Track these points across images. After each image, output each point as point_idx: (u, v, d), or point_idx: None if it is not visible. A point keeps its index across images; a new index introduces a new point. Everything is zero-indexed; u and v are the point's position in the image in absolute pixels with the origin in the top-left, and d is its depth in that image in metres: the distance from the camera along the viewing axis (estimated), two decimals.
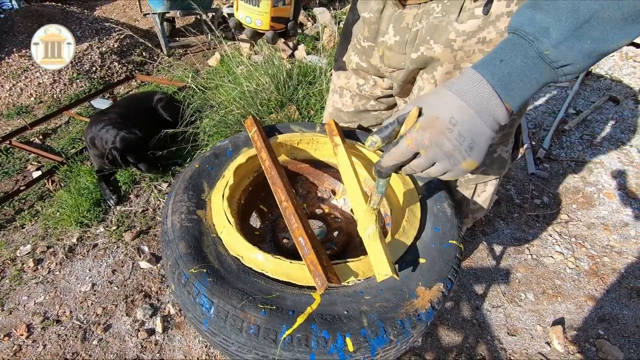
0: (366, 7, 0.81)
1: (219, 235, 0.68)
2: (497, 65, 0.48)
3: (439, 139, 0.49)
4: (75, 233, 1.72)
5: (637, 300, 1.56)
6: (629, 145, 2.46)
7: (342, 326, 0.55)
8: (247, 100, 2.12)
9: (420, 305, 0.59)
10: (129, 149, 1.77)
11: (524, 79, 0.47)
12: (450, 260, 0.67)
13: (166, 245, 0.66)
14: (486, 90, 0.48)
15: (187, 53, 3.56)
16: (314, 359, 0.54)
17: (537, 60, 0.47)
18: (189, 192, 0.75)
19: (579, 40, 0.44)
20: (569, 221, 1.90)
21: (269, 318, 0.55)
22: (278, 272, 0.61)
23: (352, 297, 0.60)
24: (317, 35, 3.79)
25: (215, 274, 0.60)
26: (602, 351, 1.37)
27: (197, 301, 0.58)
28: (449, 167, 0.52)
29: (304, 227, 0.65)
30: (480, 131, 0.49)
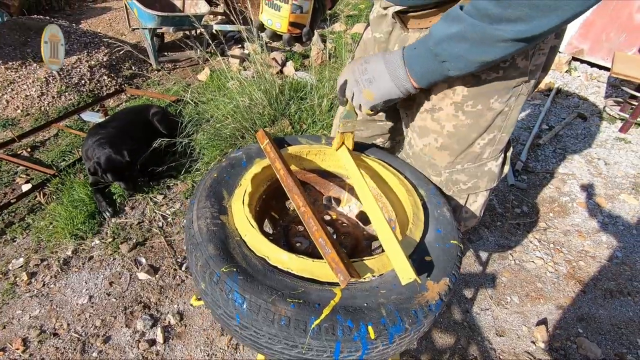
0: (378, 29, 0.90)
1: (243, 238, 0.73)
2: (412, 49, 0.71)
3: (353, 68, 0.79)
4: (69, 245, 1.71)
5: (611, 300, 1.68)
6: (596, 158, 2.66)
7: (364, 316, 0.61)
8: (242, 114, 2.18)
9: (430, 297, 0.66)
10: (110, 168, 1.80)
11: (423, 61, 0.69)
12: (453, 258, 0.75)
13: (194, 248, 0.71)
14: (399, 57, 0.72)
15: (176, 67, 3.60)
16: (339, 346, 0.60)
17: (429, 52, 0.66)
18: (211, 199, 0.80)
19: (450, 46, 0.63)
20: (547, 228, 2.04)
21: (298, 310, 0.61)
22: (303, 270, 0.67)
23: (370, 292, 0.66)
24: (305, 53, 3.92)
25: (244, 272, 0.65)
26: (582, 348, 1.47)
27: (229, 297, 0.63)
28: (355, 90, 0.78)
29: (323, 229, 0.71)
30: (381, 75, 0.74)
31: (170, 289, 1.58)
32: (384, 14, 0.89)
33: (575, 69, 3.85)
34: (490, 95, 0.77)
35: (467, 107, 0.79)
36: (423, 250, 0.76)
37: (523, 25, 0.55)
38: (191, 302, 1.50)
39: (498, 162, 0.91)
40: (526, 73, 0.75)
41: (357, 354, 0.63)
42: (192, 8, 3.64)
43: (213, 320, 1.47)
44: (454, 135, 0.84)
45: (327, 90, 2.46)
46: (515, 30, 0.56)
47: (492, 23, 0.57)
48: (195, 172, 2.11)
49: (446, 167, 0.91)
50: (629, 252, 1.93)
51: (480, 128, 0.82)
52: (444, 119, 0.83)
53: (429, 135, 0.88)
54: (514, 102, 0.79)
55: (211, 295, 0.66)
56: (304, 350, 0.61)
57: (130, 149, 1.86)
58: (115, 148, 1.83)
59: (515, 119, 0.83)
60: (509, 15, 0.55)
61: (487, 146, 0.86)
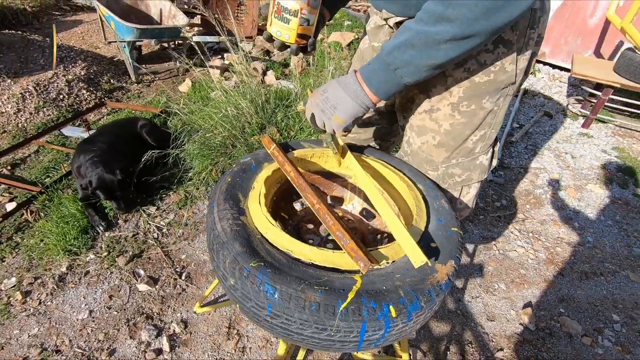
0: (376, 38, 0.99)
1: (265, 236, 0.78)
2: (367, 66, 0.78)
3: (315, 100, 0.85)
4: (63, 262, 1.69)
5: (586, 281, 1.83)
6: (564, 152, 2.86)
7: (385, 297, 0.68)
8: (231, 123, 2.22)
9: (440, 278, 0.74)
10: (101, 188, 1.80)
11: (379, 74, 0.76)
12: (456, 243, 0.83)
13: (221, 247, 0.75)
14: (354, 79, 0.79)
15: (155, 79, 3.58)
16: (365, 325, 0.66)
17: (382, 63, 0.74)
18: (229, 202, 0.85)
19: (399, 53, 0.70)
20: (525, 219, 2.18)
21: (326, 296, 0.66)
22: (325, 260, 0.73)
23: (386, 277, 0.73)
24: (284, 62, 4.00)
25: (271, 266, 0.71)
26: (564, 326, 1.60)
27: (261, 289, 0.68)
28: (324, 119, 0.84)
29: (339, 222, 0.78)
30: (342, 99, 0.80)
31: (172, 298, 1.59)
32: (381, 24, 0.97)
33: (539, 70, 4.13)
34: (482, 96, 0.86)
35: (463, 107, 0.88)
36: (428, 238, 0.84)
37: (459, 26, 0.62)
38: (194, 310, 1.52)
39: (488, 156, 1.00)
40: (513, 76, 0.85)
41: (380, 333, 0.69)
42: (170, 20, 3.64)
43: (218, 325, 1.49)
44: (450, 133, 0.93)
45: None
46: (452, 31, 0.63)
47: (434, 24, 0.64)
48: (188, 182, 2.12)
49: (443, 162, 1.00)
50: (599, 236, 2.10)
51: (473, 126, 0.91)
52: (441, 119, 0.92)
53: (427, 134, 0.97)
54: (502, 102, 0.89)
55: (241, 290, 0.71)
56: (333, 332, 0.67)
57: (122, 167, 1.86)
58: (110, 162, 1.82)
59: (502, 117, 0.93)
60: (449, 14, 0.62)
61: (478, 142, 0.95)
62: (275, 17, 0.85)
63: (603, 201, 2.37)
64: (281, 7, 0.82)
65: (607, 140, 3.08)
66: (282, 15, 0.83)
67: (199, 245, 1.84)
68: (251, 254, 0.72)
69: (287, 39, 0.87)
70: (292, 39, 0.87)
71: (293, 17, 0.83)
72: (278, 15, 0.84)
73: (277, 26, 0.86)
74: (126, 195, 1.90)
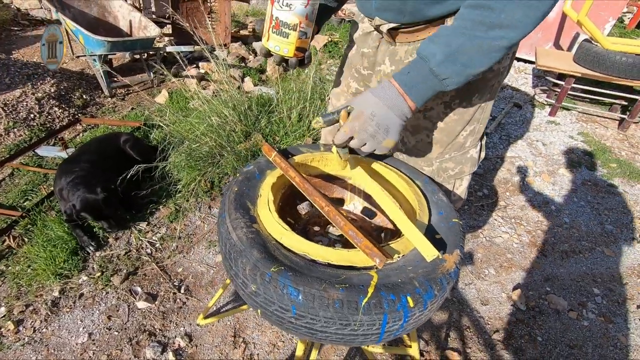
0: (364, 44, 1.03)
1: (280, 241, 0.81)
2: (406, 75, 0.75)
3: (364, 126, 0.76)
4: (55, 286, 1.63)
5: (567, 260, 1.95)
6: (535, 140, 3.03)
7: (402, 289, 0.72)
8: (217, 132, 2.22)
9: (449, 267, 0.79)
10: (86, 210, 1.75)
11: (422, 85, 0.73)
12: (458, 233, 0.88)
13: (239, 255, 0.77)
14: (395, 92, 0.75)
15: (130, 92, 3.50)
16: (386, 317, 0.70)
17: (429, 73, 0.72)
18: (240, 211, 0.87)
19: (452, 63, 0.69)
20: (506, 206, 2.30)
21: (348, 293, 0.70)
22: (341, 259, 0.76)
23: (399, 270, 0.78)
24: (260, 68, 4.00)
25: (291, 269, 0.73)
26: (552, 303, 1.70)
27: (284, 292, 0.71)
28: (375, 145, 0.78)
29: (350, 222, 0.81)
30: (392, 120, 0.76)
31: (173, 313, 1.57)
32: (368, 31, 1.02)
33: None
34: (473, 94, 0.92)
35: (455, 105, 0.94)
36: (432, 230, 0.89)
37: (515, 31, 0.63)
38: (198, 322, 1.52)
39: (477, 149, 1.07)
40: (499, 73, 0.92)
41: (399, 323, 0.73)
42: (141, 31, 3.57)
43: (224, 335, 1.49)
44: (443, 130, 0.99)
45: (294, 102, 2.56)
46: (510, 36, 0.64)
47: (487, 31, 0.64)
48: (177, 194, 2.10)
49: (437, 158, 1.06)
50: (574, 217, 2.24)
51: (464, 121, 0.97)
52: (435, 117, 0.98)
53: (421, 132, 1.02)
54: (489, 97, 0.96)
55: (264, 295, 0.73)
56: (357, 326, 0.70)
57: (104, 186, 1.81)
58: (93, 182, 1.78)
59: (489, 111, 1.00)
60: (502, 21, 0.62)
61: (469, 136, 1.01)
62: (274, 32, 0.87)
63: (575, 184, 2.53)
64: (280, 22, 0.84)
65: (572, 126, 3.28)
66: (281, 29, 0.86)
67: (195, 257, 1.82)
68: (270, 260, 0.75)
69: (286, 52, 0.89)
70: (291, 52, 0.89)
71: (292, 31, 0.85)
72: (276, 30, 0.86)
73: (276, 41, 0.88)
74: (115, 213, 1.86)
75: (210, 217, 2.04)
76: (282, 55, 0.90)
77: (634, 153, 2.97)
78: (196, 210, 2.06)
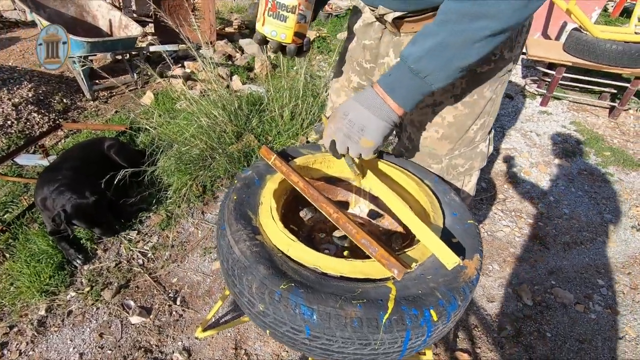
0: (366, 36, 0.97)
1: (287, 253, 0.74)
2: (387, 77, 0.72)
3: (338, 126, 0.76)
4: (41, 304, 1.53)
5: (569, 251, 1.93)
6: (529, 131, 3.01)
7: (424, 302, 0.66)
8: (207, 134, 2.13)
9: (470, 274, 0.74)
10: (78, 216, 1.65)
11: (403, 84, 0.70)
12: (475, 236, 0.83)
13: (243, 272, 0.70)
14: (373, 93, 0.73)
15: (113, 95, 3.37)
16: (409, 334, 0.64)
17: (409, 72, 0.68)
18: (240, 221, 0.80)
19: (433, 58, 0.65)
20: (505, 199, 2.27)
21: (366, 309, 0.64)
22: (355, 271, 0.70)
23: (418, 279, 0.72)
24: (248, 65, 3.90)
25: (302, 285, 0.67)
26: (558, 297, 1.67)
27: (297, 312, 0.64)
28: (352, 145, 0.76)
29: (362, 230, 0.75)
30: (369, 119, 0.73)
31: (169, 326, 1.49)
32: (370, 22, 0.95)
33: None
34: (484, 86, 0.87)
35: (465, 98, 0.88)
36: (448, 234, 0.83)
37: (499, 21, 0.60)
38: (196, 335, 1.44)
39: (486, 143, 1.02)
40: (510, 63, 0.86)
41: (422, 338, 0.67)
42: (122, 31, 3.43)
43: (224, 348, 1.42)
44: (453, 125, 0.93)
45: (286, 100, 2.48)
46: (493, 26, 0.60)
47: (471, 22, 0.61)
48: (167, 201, 2.01)
49: (446, 154, 1.00)
50: (573, 207, 2.23)
51: (475, 115, 0.92)
52: (445, 112, 0.92)
53: (430, 128, 0.97)
54: (499, 89, 0.91)
55: (273, 315, 0.67)
56: (377, 345, 0.64)
57: (93, 190, 1.72)
58: (79, 188, 1.68)
59: (499, 103, 0.95)
60: (486, 11, 0.59)
61: (479, 130, 0.96)
62: (270, 15, 0.79)
63: (571, 174, 2.52)
64: (277, 3, 0.76)
65: (564, 115, 3.28)
66: (278, 12, 0.77)
67: (190, 266, 1.74)
68: (278, 276, 0.68)
69: (283, 38, 0.81)
70: (289, 38, 0.81)
71: (290, 14, 0.77)
72: (273, 12, 0.78)
73: (272, 25, 0.80)
74: (106, 218, 1.76)
75: (203, 223, 1.96)
76: (279, 42, 0.82)
77: (626, 141, 2.98)
78: (189, 217, 1.97)
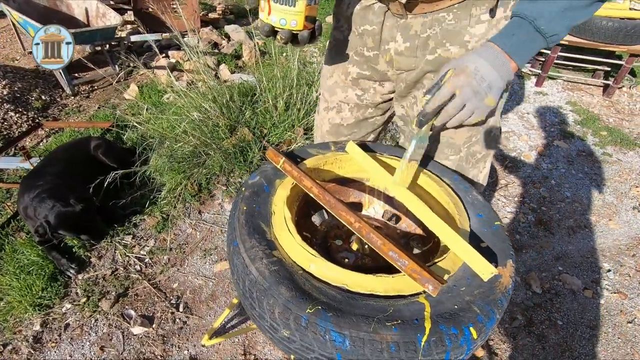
0: (364, 21, 0.89)
1: (308, 270, 0.68)
2: (510, 37, 0.71)
3: (468, 80, 0.71)
4: (35, 319, 1.45)
5: (574, 236, 1.92)
6: (526, 113, 2.98)
7: (462, 319, 0.61)
8: (200, 129, 2.02)
9: (506, 282, 0.69)
10: (64, 226, 1.56)
11: (527, 46, 0.70)
12: (505, 239, 0.78)
13: (263, 295, 0.64)
14: (498, 52, 0.71)
15: (95, 89, 3.20)
16: (449, 355, 0.59)
17: (535, 33, 0.68)
18: (254, 236, 0.73)
19: (562, 19, 0.67)
20: (507, 184, 2.25)
21: (402, 332, 0.58)
22: (387, 288, 0.64)
23: (452, 292, 0.67)
24: (235, 53, 3.75)
25: (330, 307, 0.61)
26: (566, 283, 1.67)
27: (327, 338, 0.58)
28: (476, 104, 0.73)
29: (389, 241, 0.69)
30: (495, 77, 0.71)
31: (174, 335, 1.43)
32: (368, 4, 0.88)
33: None
34: None
35: None
36: (476, 238, 0.78)
37: None
38: (202, 343, 1.39)
39: (498, 126, 0.97)
40: None
41: (460, 357, 0.63)
42: (100, 20, 3.24)
43: (233, 354, 1.37)
44: None
45: (279, 90, 2.38)
46: None
47: None
48: (162, 201, 1.92)
49: (465, 143, 0.95)
50: (575, 190, 2.22)
51: None
52: None
53: None
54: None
55: (300, 341, 0.61)
56: None
57: (79, 196, 1.62)
58: (64, 194, 1.57)
59: None
60: None
61: (495, 110, 0.91)
62: (276, 0, 0.70)
63: (570, 155, 2.51)
64: None
65: (560, 96, 3.25)
66: None
67: (190, 270, 1.67)
68: (303, 298, 0.62)
69: (294, 25, 0.72)
70: (301, 24, 0.72)
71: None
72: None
73: (280, 12, 0.70)
74: (95, 224, 1.67)
75: (201, 223, 1.88)
76: (290, 30, 0.73)
77: (621, 119, 2.98)
78: (185, 217, 1.89)
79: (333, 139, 1.18)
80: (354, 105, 1.09)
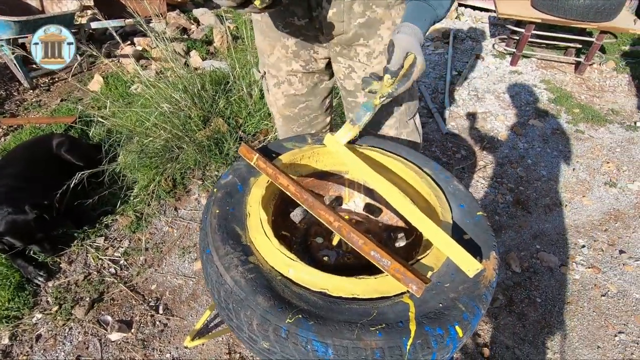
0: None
1: (287, 276, 0.64)
2: (422, 21, 0.82)
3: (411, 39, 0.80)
4: (3, 332, 1.37)
5: (550, 214, 1.97)
6: (502, 93, 3.00)
7: (447, 317, 0.60)
8: (171, 121, 1.92)
9: (490, 276, 0.67)
10: (14, 234, 1.45)
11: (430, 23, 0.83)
12: (487, 229, 0.77)
13: (239, 306, 0.60)
14: (420, 34, 0.81)
15: (55, 81, 3.00)
16: (435, 356, 0.58)
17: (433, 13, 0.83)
18: (229, 242, 0.68)
19: None
20: (485, 165, 2.27)
21: (387, 337, 0.56)
22: (369, 291, 0.62)
23: (436, 289, 0.65)
24: (206, 39, 3.58)
25: (311, 315, 0.58)
26: (544, 261, 1.71)
27: (309, 348, 0.55)
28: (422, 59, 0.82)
29: (370, 240, 0.66)
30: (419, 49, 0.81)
31: (155, 338, 1.39)
32: None
33: (463, 14, 4.21)
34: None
35: None
36: (459, 230, 0.76)
37: None
38: (185, 345, 1.35)
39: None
40: None
41: (446, 356, 0.61)
42: (55, 6, 3.00)
43: (217, 354, 1.34)
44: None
45: (254, 77, 2.29)
46: None
47: None
48: (134, 200, 1.83)
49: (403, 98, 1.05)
50: (550, 168, 2.26)
51: None
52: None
53: None
54: None
55: (281, 353, 0.58)
56: None
57: (35, 202, 1.50)
58: (15, 205, 1.45)
59: None
60: None
61: None
62: None
63: (545, 134, 2.55)
64: None
65: (534, 74, 3.28)
66: None
67: (169, 270, 1.62)
68: (282, 307, 0.58)
69: None
70: None
71: None
72: None
73: None
74: (49, 235, 1.57)
75: (178, 220, 1.81)
76: None
77: (592, 96, 3.04)
78: (161, 215, 1.82)
79: (293, 110, 1.20)
80: (302, 74, 1.13)
